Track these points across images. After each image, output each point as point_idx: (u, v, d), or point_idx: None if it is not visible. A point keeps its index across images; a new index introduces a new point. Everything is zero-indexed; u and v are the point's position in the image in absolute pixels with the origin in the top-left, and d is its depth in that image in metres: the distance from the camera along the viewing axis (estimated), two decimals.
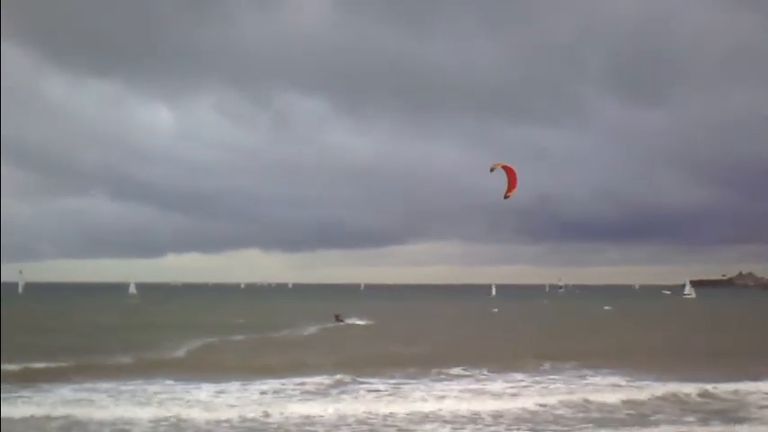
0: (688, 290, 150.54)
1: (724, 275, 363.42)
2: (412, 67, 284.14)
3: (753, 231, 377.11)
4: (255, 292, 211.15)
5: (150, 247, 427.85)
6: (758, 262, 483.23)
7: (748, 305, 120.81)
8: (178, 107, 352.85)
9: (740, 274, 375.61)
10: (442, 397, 23.87)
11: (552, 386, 26.90)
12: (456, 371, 30.33)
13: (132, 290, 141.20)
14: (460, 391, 25.27)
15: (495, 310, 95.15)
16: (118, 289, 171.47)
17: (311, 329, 56.28)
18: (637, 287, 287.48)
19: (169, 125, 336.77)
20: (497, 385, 26.95)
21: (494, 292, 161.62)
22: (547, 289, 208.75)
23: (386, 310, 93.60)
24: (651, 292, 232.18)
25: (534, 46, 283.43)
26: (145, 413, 20.86)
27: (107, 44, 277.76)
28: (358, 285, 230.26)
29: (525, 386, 27.02)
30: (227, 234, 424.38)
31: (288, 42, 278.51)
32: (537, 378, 28.72)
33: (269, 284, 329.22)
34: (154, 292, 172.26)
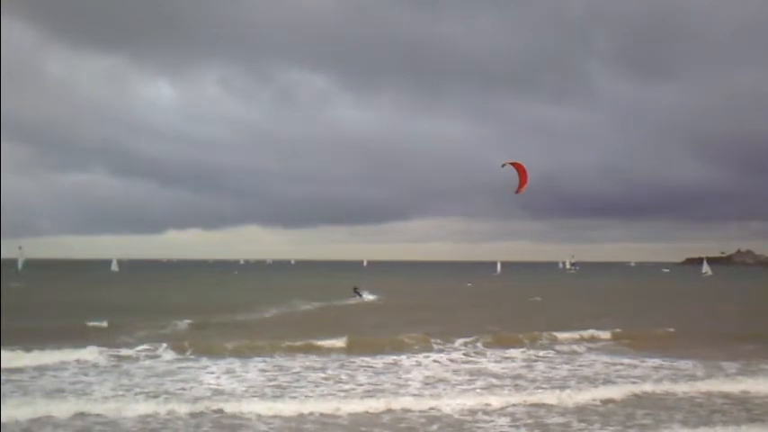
0: (705, 268, 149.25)
1: (723, 253, 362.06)
2: (416, 42, 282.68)
3: (753, 209, 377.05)
4: (256, 268, 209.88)
5: (150, 224, 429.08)
6: (757, 239, 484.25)
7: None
8: (181, 82, 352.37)
9: (739, 251, 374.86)
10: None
11: None
12: None
13: (114, 267, 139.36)
14: None
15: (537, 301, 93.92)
16: (127, 265, 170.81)
17: (336, 303, 57.23)
18: (633, 264, 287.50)
19: (171, 100, 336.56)
20: None
21: (498, 269, 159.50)
22: (561, 266, 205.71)
23: (405, 286, 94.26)
24: (649, 269, 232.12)
25: (541, 21, 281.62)
26: None
27: (109, 19, 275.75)
28: (360, 262, 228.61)
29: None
30: (228, 210, 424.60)
31: (292, 17, 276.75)
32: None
33: (267, 261, 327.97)
34: (143, 268, 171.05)
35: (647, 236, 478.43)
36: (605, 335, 33.54)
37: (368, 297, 63.43)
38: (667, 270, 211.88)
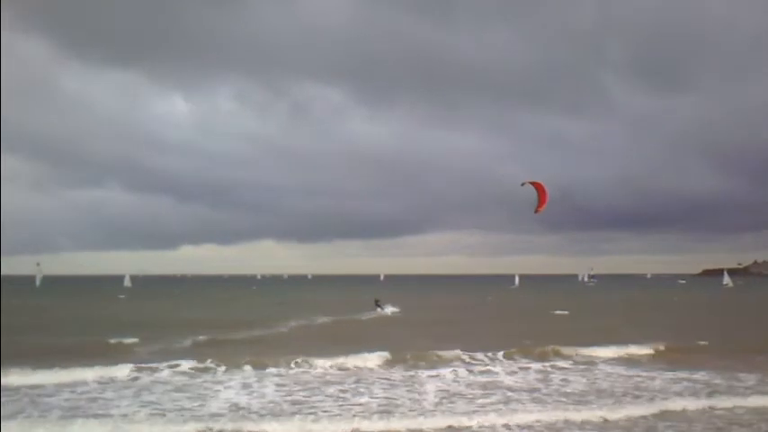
0: (726, 279, 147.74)
1: (739, 264, 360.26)
2: (430, 55, 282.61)
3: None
4: (273, 283, 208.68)
5: (165, 239, 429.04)
6: None
7: None
8: (195, 97, 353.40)
9: (755, 262, 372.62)
10: None
11: None
12: None
13: (127, 282, 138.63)
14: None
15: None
16: (141, 281, 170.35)
17: (359, 317, 56.89)
18: (649, 276, 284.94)
19: (186, 115, 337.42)
20: None
21: (516, 282, 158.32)
22: (580, 279, 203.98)
23: (426, 299, 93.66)
24: (665, 281, 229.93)
25: (554, 33, 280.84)
26: None
27: (124, 34, 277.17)
28: (377, 276, 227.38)
29: None
30: (242, 225, 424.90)
31: (306, 32, 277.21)
32: None
33: (283, 276, 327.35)
34: (158, 284, 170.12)
35: (662, 248, 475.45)
36: (646, 350, 31.86)
37: (390, 310, 62.85)
38: (684, 282, 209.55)
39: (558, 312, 61.62)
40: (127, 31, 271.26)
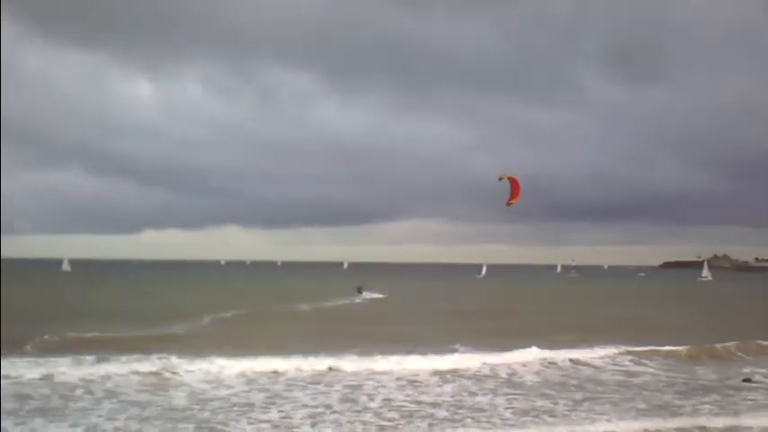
0: (705, 272, 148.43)
1: (699, 257, 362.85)
2: (402, 42, 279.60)
3: (731, 213, 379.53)
4: (245, 269, 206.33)
5: (128, 223, 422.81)
6: (733, 244, 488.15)
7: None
8: (162, 81, 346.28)
9: (715, 256, 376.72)
10: None
11: None
12: None
13: (66, 267, 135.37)
14: None
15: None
16: (87, 265, 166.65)
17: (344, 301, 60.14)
18: (606, 267, 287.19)
19: (151, 99, 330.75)
20: None
21: (483, 272, 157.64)
22: (559, 270, 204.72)
23: (406, 286, 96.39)
24: (624, 272, 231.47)
25: (528, 22, 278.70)
26: None
27: (88, 15, 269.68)
28: (341, 263, 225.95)
29: None
30: (206, 210, 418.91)
31: (276, 16, 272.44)
32: None
33: (246, 262, 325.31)
34: (106, 269, 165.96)
35: (624, 239, 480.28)
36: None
37: (372, 295, 67.34)
38: (643, 275, 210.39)
39: (556, 302, 61.34)
40: (92, 12, 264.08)
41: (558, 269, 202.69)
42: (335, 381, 22.08)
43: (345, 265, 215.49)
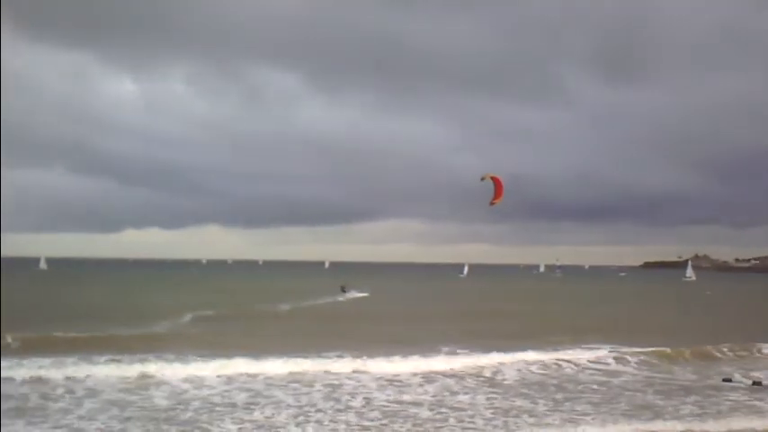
0: (689, 272, 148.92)
1: (680, 257, 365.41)
2: (388, 41, 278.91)
3: (710, 214, 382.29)
4: (224, 269, 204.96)
5: (109, 222, 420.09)
6: (714, 244, 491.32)
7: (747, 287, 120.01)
8: (145, 80, 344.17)
9: (696, 256, 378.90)
10: None
11: None
12: None
13: (43, 265, 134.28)
14: None
15: None
16: (66, 264, 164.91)
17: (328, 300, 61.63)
18: (587, 267, 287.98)
19: (135, 98, 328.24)
20: None
21: (465, 271, 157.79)
22: (543, 269, 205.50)
23: (388, 286, 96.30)
24: (605, 272, 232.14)
25: (515, 22, 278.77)
26: None
27: (73, 14, 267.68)
28: (322, 263, 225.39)
29: None
30: (188, 209, 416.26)
31: (261, 16, 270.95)
32: None
33: (228, 261, 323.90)
34: (83, 268, 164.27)
35: (605, 239, 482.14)
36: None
37: (355, 294, 68.90)
38: (624, 274, 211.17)
39: (550, 305, 61.72)
40: (77, 12, 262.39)
41: (542, 269, 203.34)
42: (316, 380, 22.03)
43: (327, 265, 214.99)
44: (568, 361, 26.94)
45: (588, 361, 27.52)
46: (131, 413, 17.41)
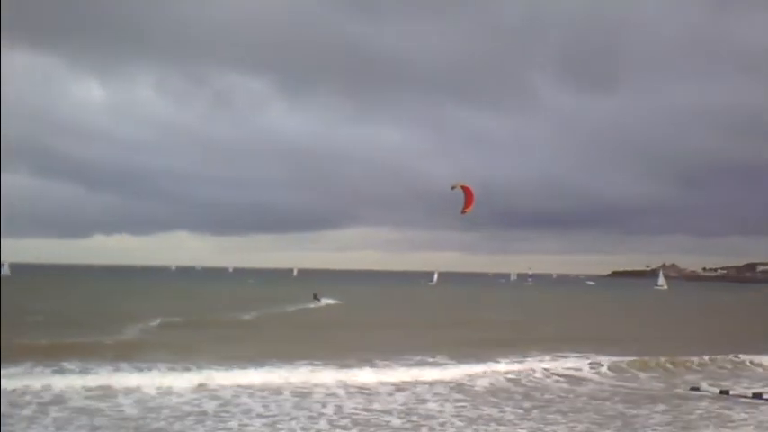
0: (661, 281, 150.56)
1: (648, 266, 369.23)
2: (354, 47, 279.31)
3: (679, 222, 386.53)
4: (194, 276, 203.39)
5: (77, 228, 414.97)
6: (681, 253, 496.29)
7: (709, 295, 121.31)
8: (112, 84, 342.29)
9: (664, 265, 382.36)
10: None
11: None
12: None
13: (6, 271, 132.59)
14: None
15: None
16: (32, 270, 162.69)
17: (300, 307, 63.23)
18: (554, 276, 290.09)
19: (101, 102, 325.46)
20: None
21: (435, 279, 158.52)
22: (514, 277, 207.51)
23: (360, 292, 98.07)
24: (573, 281, 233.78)
25: (482, 29, 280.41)
26: None
27: (38, 16, 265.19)
28: (290, 270, 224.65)
29: None
30: (156, 215, 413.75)
31: (228, 21, 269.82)
32: None
33: (196, 268, 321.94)
34: (47, 273, 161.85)
35: (572, 248, 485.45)
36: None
37: (328, 301, 70.85)
38: (592, 283, 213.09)
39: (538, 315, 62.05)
40: (42, 14, 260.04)
41: (514, 277, 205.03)
42: (286, 388, 21.99)
43: (295, 272, 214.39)
44: (541, 369, 27.11)
45: (563, 369, 27.79)
46: (100, 422, 17.22)
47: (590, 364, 28.94)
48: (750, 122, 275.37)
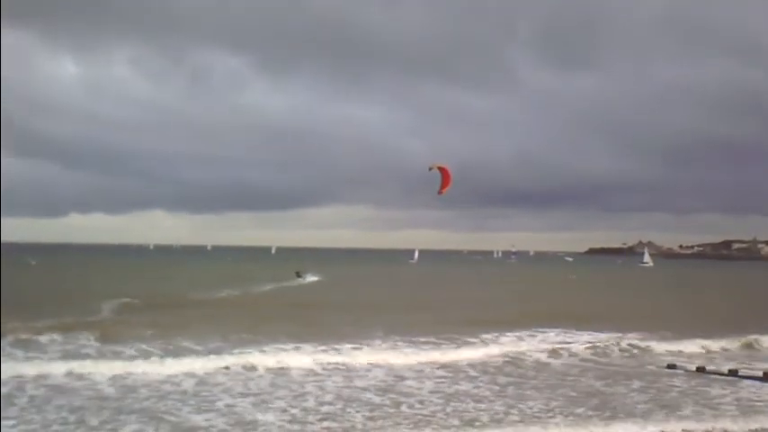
0: (647, 258, 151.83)
1: (624, 244, 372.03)
2: (337, 26, 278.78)
3: (657, 201, 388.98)
4: (172, 254, 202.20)
5: (53, 207, 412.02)
6: (658, 231, 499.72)
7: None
8: (88, 61, 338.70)
9: (640, 242, 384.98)
10: None
11: None
12: None
13: None
14: None
15: None
16: (9, 249, 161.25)
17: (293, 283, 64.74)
18: (531, 253, 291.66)
19: (76, 79, 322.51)
20: None
21: (416, 257, 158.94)
22: (497, 255, 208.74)
23: (341, 270, 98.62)
24: (552, 258, 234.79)
25: (464, 7, 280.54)
26: None
27: None
28: (269, 248, 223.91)
29: None
30: (132, 194, 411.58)
31: None
32: None
33: (174, 246, 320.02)
34: (20, 253, 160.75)
35: (549, 225, 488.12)
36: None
37: (311, 278, 72.33)
38: (571, 259, 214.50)
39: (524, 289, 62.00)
40: None
41: (498, 254, 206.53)
42: (269, 366, 22.13)
43: (273, 250, 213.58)
44: (523, 348, 27.34)
45: (550, 344, 28.44)
46: (80, 402, 17.15)
47: (571, 340, 29.68)
48: (730, 101, 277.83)
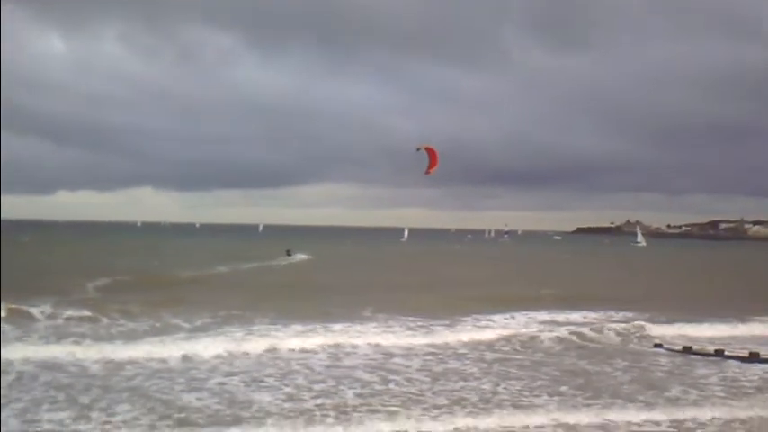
0: (640, 238, 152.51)
1: (612, 223, 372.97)
2: (326, 3, 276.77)
3: (645, 180, 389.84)
4: (161, 232, 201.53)
5: (41, 184, 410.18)
6: (646, 210, 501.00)
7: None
8: (77, 37, 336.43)
9: (628, 222, 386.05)
10: None
11: None
12: None
13: None
14: None
15: None
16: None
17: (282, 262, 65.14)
18: (519, 233, 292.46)
19: (64, 56, 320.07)
20: None
21: (406, 235, 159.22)
22: (489, 234, 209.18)
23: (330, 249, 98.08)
24: (541, 237, 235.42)
25: None
26: None
27: None
28: (256, 226, 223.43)
29: None
30: (121, 171, 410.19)
31: None
32: None
33: (162, 224, 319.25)
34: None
35: (537, 205, 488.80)
36: None
37: (301, 257, 71.87)
38: (559, 238, 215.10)
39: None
40: None
41: (490, 234, 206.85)
42: (263, 345, 22.05)
43: (260, 228, 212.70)
44: (519, 328, 27.24)
45: (540, 323, 28.85)
46: (67, 381, 17.11)
47: (559, 320, 29.96)
48: (719, 82, 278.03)
